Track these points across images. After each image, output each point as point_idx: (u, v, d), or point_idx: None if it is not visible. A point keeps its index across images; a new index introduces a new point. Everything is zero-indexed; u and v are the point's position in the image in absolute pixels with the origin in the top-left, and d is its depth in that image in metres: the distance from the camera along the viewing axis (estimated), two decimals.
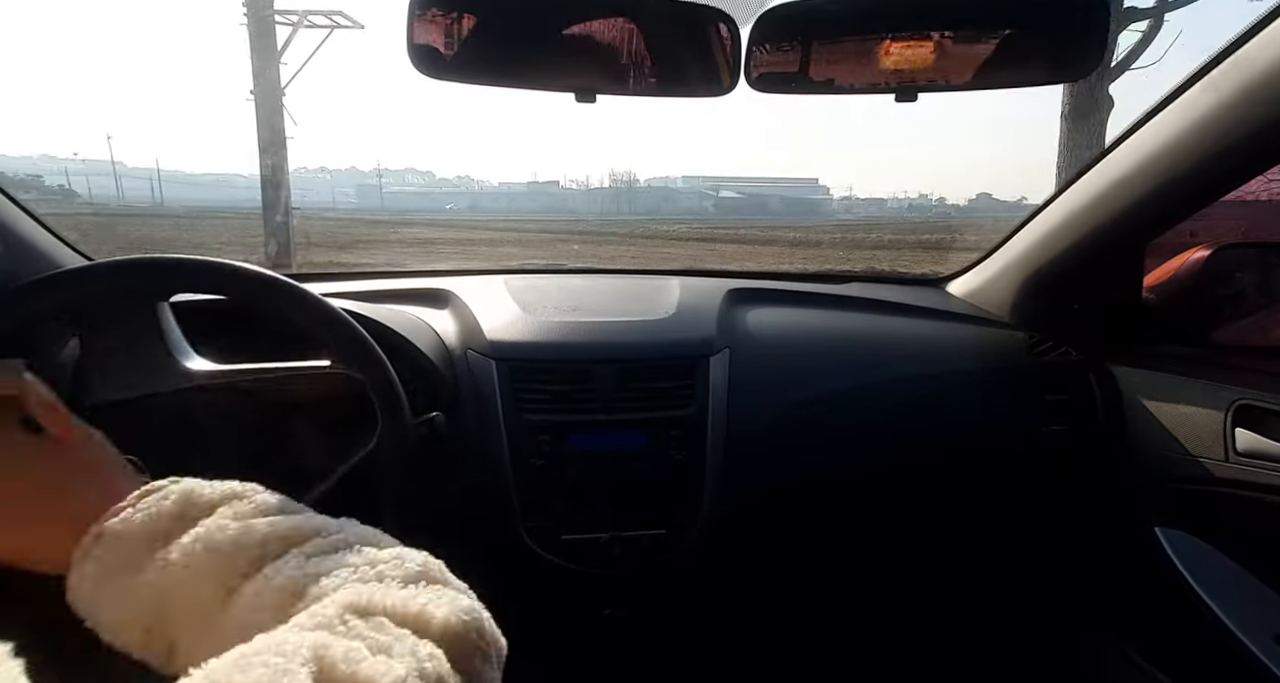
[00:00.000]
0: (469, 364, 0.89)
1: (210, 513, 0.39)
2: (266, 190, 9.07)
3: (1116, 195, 0.92)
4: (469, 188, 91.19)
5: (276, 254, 8.96)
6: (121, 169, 51.89)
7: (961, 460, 1.05)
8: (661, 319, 0.99)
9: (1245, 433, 0.87)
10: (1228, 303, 0.98)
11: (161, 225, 15.94)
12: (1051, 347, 1.08)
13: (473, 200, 77.55)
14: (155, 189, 43.54)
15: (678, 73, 0.74)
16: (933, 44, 0.69)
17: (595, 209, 63.25)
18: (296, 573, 0.35)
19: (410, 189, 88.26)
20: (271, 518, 0.39)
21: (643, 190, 74.34)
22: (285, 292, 0.64)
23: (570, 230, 22.92)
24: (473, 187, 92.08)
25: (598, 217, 44.74)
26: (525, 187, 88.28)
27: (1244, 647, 0.85)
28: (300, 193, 7.74)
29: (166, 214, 23.31)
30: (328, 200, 62.32)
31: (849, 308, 1.14)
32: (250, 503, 0.40)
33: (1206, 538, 0.94)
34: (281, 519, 0.39)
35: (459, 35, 0.68)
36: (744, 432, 0.92)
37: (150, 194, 43.70)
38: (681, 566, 0.91)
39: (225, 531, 0.38)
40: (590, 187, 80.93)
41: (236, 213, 24.84)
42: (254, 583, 0.35)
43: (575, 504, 0.88)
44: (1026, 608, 1.21)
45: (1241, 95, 0.74)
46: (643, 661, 1.07)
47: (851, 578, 1.18)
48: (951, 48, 0.69)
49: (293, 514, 0.40)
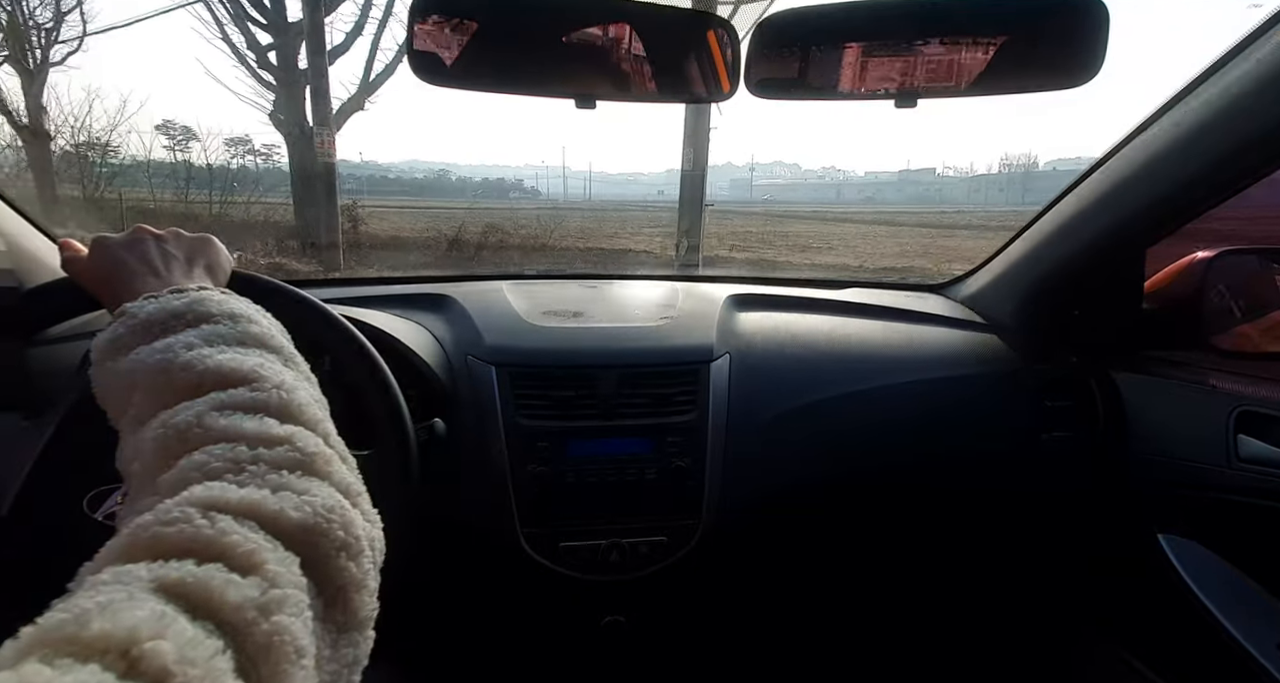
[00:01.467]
0: (469, 370, 0.89)
1: (200, 323, 0.41)
2: (685, 185, 7.65)
3: (1117, 201, 0.92)
4: (834, 178, 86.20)
5: (687, 252, 7.57)
6: (567, 172, 60.59)
7: (962, 466, 1.05)
8: (662, 325, 0.99)
9: (1248, 439, 0.87)
10: (1229, 308, 0.97)
11: (584, 217, 18.76)
12: (1052, 352, 1.08)
13: (837, 192, 71.94)
14: (586, 188, 53.13)
15: (677, 79, 0.74)
16: (932, 51, 0.69)
17: (978, 199, 55.09)
18: (189, 422, 0.35)
19: (778, 181, 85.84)
20: (240, 353, 0.40)
21: (1042, 175, 58.15)
22: (285, 297, 0.63)
23: (940, 223, 22.32)
24: (837, 177, 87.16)
25: (978, 207, 40.06)
26: (895, 176, 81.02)
27: (1247, 653, 0.85)
28: (675, 187, 7.31)
29: (587, 208, 26.21)
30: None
31: (849, 313, 1.14)
32: (236, 328, 0.42)
33: (1209, 544, 0.93)
34: (238, 354, 0.40)
35: (459, 42, 0.68)
36: (744, 437, 0.92)
37: (583, 192, 52.64)
38: (681, 573, 0.91)
39: (189, 349, 0.39)
40: (974, 173, 71.62)
41: (638, 206, 29.60)
42: (165, 415, 0.36)
43: (575, 511, 0.87)
44: (1027, 614, 1.20)
45: (1240, 101, 0.74)
46: (642, 668, 1.07)
47: (851, 583, 1.17)
48: (951, 54, 0.69)
49: (270, 354, 0.42)
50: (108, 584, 0.26)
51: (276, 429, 0.36)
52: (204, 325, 0.41)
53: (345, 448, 0.40)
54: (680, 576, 0.91)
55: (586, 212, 22.73)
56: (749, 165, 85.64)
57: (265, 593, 0.27)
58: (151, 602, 0.25)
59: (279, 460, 0.34)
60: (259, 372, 0.39)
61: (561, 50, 0.70)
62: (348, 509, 0.34)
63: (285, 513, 0.31)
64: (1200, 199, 0.86)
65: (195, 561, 0.27)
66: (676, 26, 0.73)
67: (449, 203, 24.32)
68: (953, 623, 1.21)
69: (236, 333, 0.42)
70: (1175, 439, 0.96)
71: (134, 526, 0.29)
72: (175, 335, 0.40)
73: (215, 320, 0.42)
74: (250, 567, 0.28)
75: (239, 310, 0.44)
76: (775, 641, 1.16)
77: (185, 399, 0.37)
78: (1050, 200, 1.04)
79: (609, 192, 62.38)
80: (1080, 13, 0.65)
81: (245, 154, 15.69)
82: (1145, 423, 1.00)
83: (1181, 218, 0.90)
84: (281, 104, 9.02)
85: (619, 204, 33.83)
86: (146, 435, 0.36)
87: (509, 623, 0.97)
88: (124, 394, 0.39)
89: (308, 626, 0.28)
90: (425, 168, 64.50)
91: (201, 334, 0.40)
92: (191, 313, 0.42)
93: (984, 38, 0.67)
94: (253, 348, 0.41)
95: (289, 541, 0.31)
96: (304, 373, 0.44)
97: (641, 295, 1.14)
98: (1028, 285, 1.10)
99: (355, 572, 0.32)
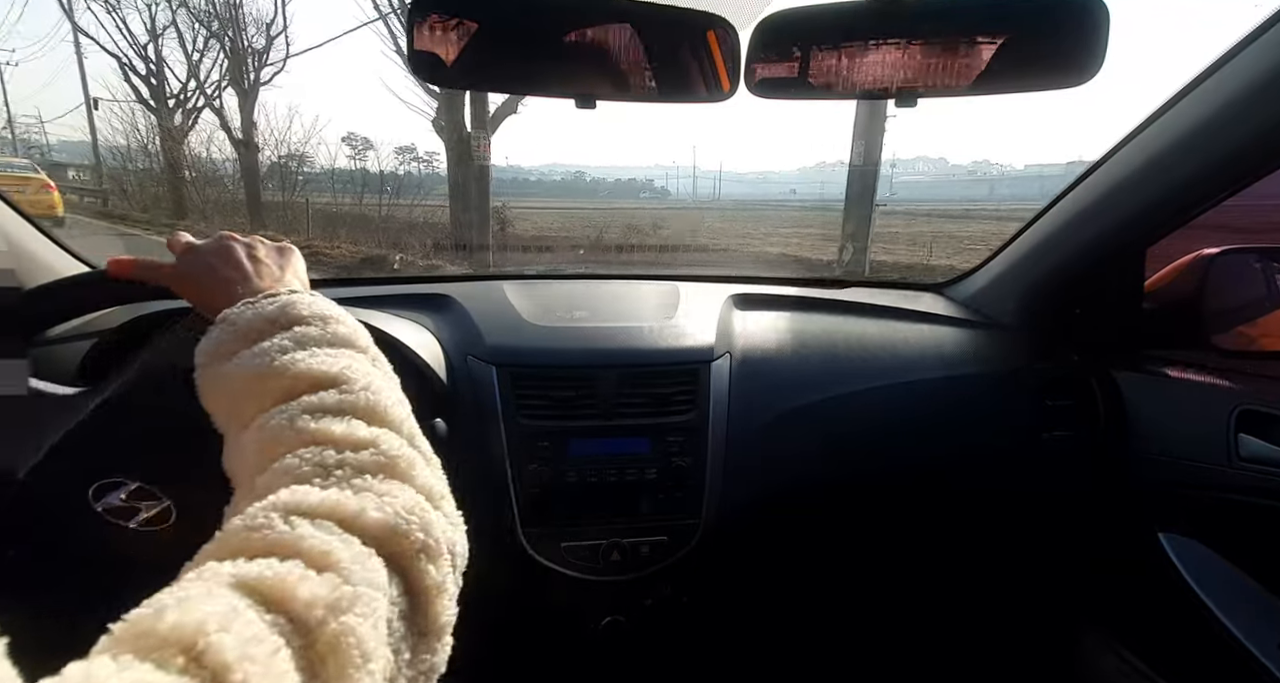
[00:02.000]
0: (469, 370, 0.89)
1: (293, 326, 0.43)
2: (853, 183, 6.90)
3: (1117, 200, 0.92)
4: (986, 173, 79.55)
5: (853, 257, 6.93)
6: (697, 171, 60.62)
7: (963, 466, 1.05)
8: (663, 325, 0.99)
9: (1248, 438, 0.87)
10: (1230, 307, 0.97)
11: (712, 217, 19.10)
12: (1053, 351, 1.08)
13: (990, 188, 66.03)
14: (716, 187, 53.25)
15: (678, 79, 0.74)
16: (932, 49, 0.69)
17: None
18: (283, 426, 0.37)
19: (922, 179, 76.83)
20: (331, 354, 0.42)
21: None
22: None
23: None
24: (991, 171, 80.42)
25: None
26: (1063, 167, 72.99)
27: (1247, 652, 0.85)
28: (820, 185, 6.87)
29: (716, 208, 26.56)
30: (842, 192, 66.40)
31: (850, 313, 1.13)
32: (325, 329, 0.44)
33: (1210, 544, 0.93)
34: (328, 356, 0.42)
35: (460, 41, 0.68)
36: (745, 437, 0.92)
37: (712, 191, 53.04)
38: (682, 572, 0.91)
39: (283, 352, 0.41)
40: None
41: (769, 206, 29.52)
42: (262, 418, 0.38)
43: (575, 511, 0.87)
44: (1027, 614, 1.20)
45: (1241, 100, 0.74)
46: (642, 668, 1.07)
47: (852, 583, 1.17)
48: (951, 53, 0.69)
49: (358, 353, 0.44)
50: (192, 581, 0.27)
51: (363, 432, 0.37)
52: (296, 328, 0.43)
53: (430, 448, 0.41)
54: (681, 575, 0.91)
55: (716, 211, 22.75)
56: (889, 161, 79.74)
57: (336, 590, 0.28)
58: (227, 596, 0.26)
59: (364, 464, 0.35)
60: (347, 373, 0.41)
61: (561, 50, 0.70)
62: (428, 511, 0.35)
63: (366, 513, 0.32)
64: (1200, 198, 0.86)
65: (277, 559, 0.28)
66: (677, 26, 0.72)
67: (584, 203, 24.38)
68: (954, 623, 1.21)
69: (326, 335, 0.44)
70: (1176, 438, 0.96)
71: (226, 529, 0.31)
72: (270, 339, 0.42)
73: (306, 322, 0.44)
74: (325, 565, 0.29)
75: (327, 311, 0.46)
76: (776, 640, 1.16)
77: (280, 402, 0.39)
78: (1051, 200, 1.04)
79: (739, 191, 62.02)
80: (1081, 12, 0.65)
81: (410, 161, 17.21)
82: (1146, 422, 1.00)
83: (1182, 217, 0.90)
84: (444, 111, 9.40)
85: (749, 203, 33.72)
86: (246, 439, 0.38)
87: (509, 623, 0.97)
88: (227, 398, 0.42)
89: (379, 630, 0.29)
90: (563, 170, 65.19)
91: (294, 337, 0.42)
92: (284, 317, 0.44)
93: (984, 37, 0.67)
94: (341, 348, 0.43)
95: (368, 540, 0.31)
96: (387, 371, 0.45)
97: (642, 295, 1.14)
98: (1028, 285, 1.10)
99: (435, 575, 0.33)
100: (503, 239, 10.64)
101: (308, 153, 13.87)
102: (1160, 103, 0.83)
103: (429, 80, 0.70)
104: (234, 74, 13.08)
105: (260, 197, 12.94)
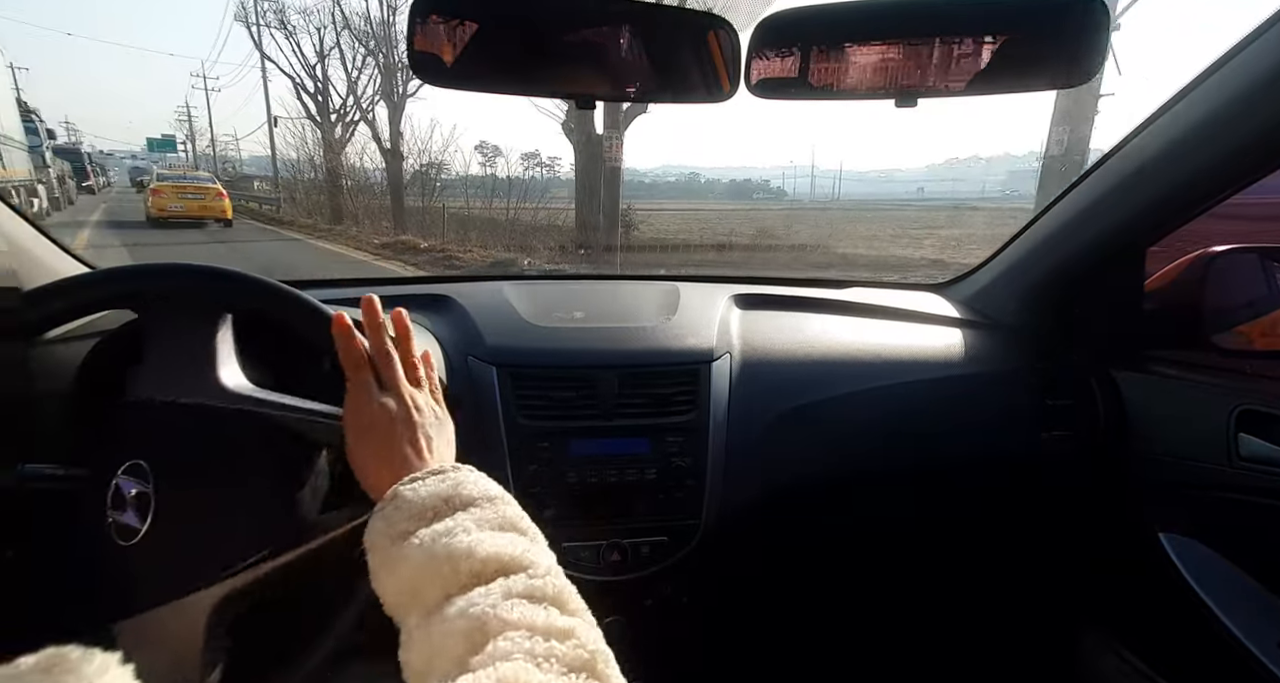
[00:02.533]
0: (469, 370, 0.89)
1: (468, 507, 0.44)
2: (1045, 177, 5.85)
3: (1118, 200, 0.92)
4: None
5: None
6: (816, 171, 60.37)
7: (963, 465, 1.05)
8: (663, 325, 0.99)
9: (1248, 438, 0.87)
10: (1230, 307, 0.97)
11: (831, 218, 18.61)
12: (1052, 352, 1.08)
13: None
14: (835, 187, 52.79)
15: (678, 79, 0.74)
16: (932, 50, 0.69)
17: None
18: (488, 614, 0.37)
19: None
20: (506, 538, 0.43)
21: None
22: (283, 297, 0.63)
23: None
24: None
25: None
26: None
27: (1248, 652, 0.85)
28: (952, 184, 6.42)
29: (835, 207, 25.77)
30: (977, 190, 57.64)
31: (851, 313, 1.13)
32: (495, 511, 0.45)
33: (1210, 543, 0.93)
34: (509, 542, 0.42)
35: (460, 42, 0.68)
36: (745, 437, 0.92)
37: (831, 191, 52.85)
38: (682, 572, 0.91)
39: (467, 533, 0.42)
40: None
41: (893, 205, 28.09)
42: (459, 603, 0.38)
43: (575, 511, 0.87)
44: (1028, 613, 1.20)
45: (1240, 101, 0.74)
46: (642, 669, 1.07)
47: (852, 582, 1.17)
48: (951, 54, 0.69)
49: (521, 536, 0.44)
50: None
51: (560, 621, 0.38)
52: (472, 509, 0.44)
53: (591, 617, 0.42)
54: (681, 576, 0.91)
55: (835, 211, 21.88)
56: (1033, 154, 71.96)
57: None
58: None
59: (569, 660, 0.36)
60: (529, 557, 0.42)
61: (562, 50, 0.70)
62: None
63: None
64: (1201, 198, 0.86)
65: None
66: (677, 26, 0.73)
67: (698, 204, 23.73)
68: (954, 622, 1.21)
69: (498, 517, 0.44)
70: (1176, 438, 0.96)
71: None
72: (448, 520, 0.43)
73: (478, 503, 0.45)
74: None
75: (492, 492, 0.47)
76: (776, 640, 1.16)
77: (470, 584, 0.40)
78: (1051, 199, 1.04)
79: (860, 190, 60.33)
80: (1080, 12, 0.65)
81: (534, 166, 18.63)
82: (1146, 422, 1.00)
83: (1182, 217, 0.90)
84: (573, 113, 9.49)
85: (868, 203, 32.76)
86: (450, 627, 0.38)
87: None
88: (408, 580, 0.41)
89: None
90: (676, 171, 64.92)
91: (472, 518, 0.43)
92: (458, 497, 0.45)
93: (984, 37, 0.67)
94: (509, 532, 0.44)
95: None
96: (544, 546, 0.46)
97: (642, 296, 1.14)
98: (1029, 285, 1.10)
99: None
100: (626, 241, 10.70)
101: (445, 160, 15.10)
102: (1160, 103, 0.83)
103: (430, 81, 0.70)
104: (386, 88, 14.43)
105: (404, 202, 14.01)
